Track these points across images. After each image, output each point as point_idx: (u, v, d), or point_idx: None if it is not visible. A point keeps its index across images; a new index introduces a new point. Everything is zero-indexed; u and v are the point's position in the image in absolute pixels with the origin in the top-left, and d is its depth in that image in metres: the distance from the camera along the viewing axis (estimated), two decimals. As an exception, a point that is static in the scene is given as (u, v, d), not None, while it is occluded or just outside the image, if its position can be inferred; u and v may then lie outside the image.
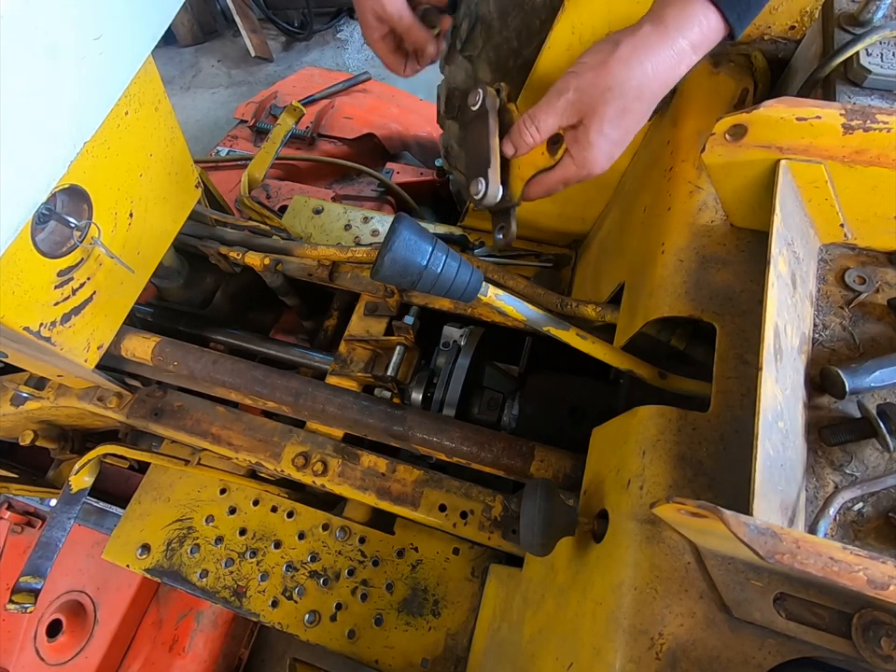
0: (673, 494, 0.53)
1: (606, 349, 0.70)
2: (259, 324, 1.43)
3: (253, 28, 3.19)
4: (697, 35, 0.61)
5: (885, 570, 0.35)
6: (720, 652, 0.46)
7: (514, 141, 0.70)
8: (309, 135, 1.84)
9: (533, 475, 0.85)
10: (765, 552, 0.36)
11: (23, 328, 0.74)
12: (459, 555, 0.93)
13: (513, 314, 0.68)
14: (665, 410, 0.58)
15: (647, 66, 0.62)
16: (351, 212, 1.34)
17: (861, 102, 0.82)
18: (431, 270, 0.58)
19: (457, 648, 0.87)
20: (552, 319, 0.69)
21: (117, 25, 0.67)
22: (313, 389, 0.95)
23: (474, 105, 0.74)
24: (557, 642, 0.60)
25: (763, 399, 0.45)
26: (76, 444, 1.22)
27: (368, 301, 1.11)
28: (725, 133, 0.53)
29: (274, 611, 0.92)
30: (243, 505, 1.01)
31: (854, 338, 0.57)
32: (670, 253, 0.70)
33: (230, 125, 2.04)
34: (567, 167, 0.68)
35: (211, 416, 1.02)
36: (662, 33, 0.62)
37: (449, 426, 0.89)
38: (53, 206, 0.74)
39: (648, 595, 0.49)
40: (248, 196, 1.23)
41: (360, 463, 0.95)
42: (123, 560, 0.99)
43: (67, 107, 0.65)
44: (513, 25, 0.92)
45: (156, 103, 0.86)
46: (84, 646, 1.15)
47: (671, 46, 0.62)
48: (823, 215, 0.58)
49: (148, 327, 1.07)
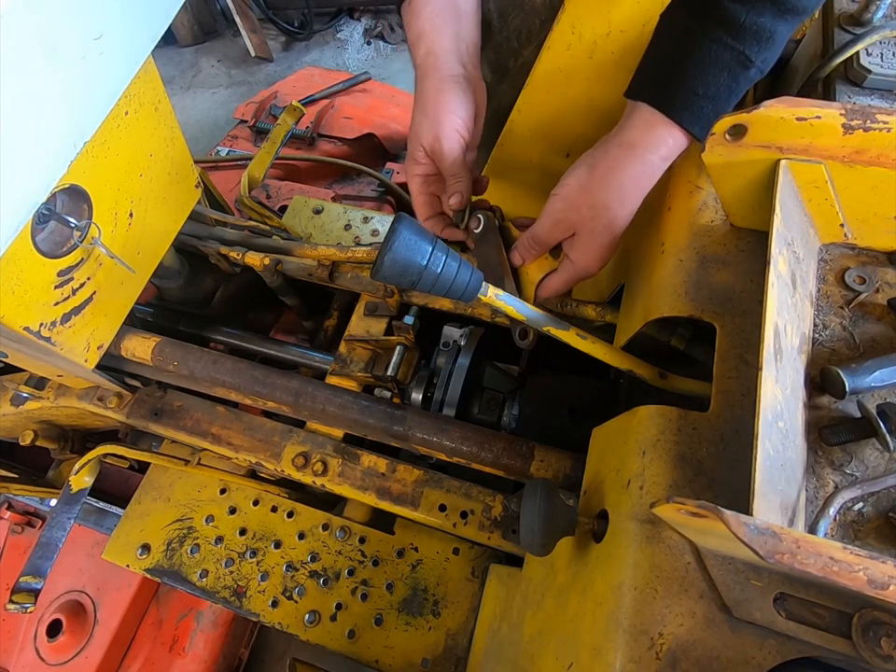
0: (673, 494, 0.53)
1: (606, 349, 0.70)
2: (259, 324, 1.43)
3: (253, 28, 3.19)
4: (665, 151, 0.67)
5: (885, 570, 0.35)
6: (720, 652, 0.46)
7: (522, 254, 0.80)
8: (309, 135, 1.84)
9: (533, 475, 0.85)
10: (765, 552, 0.36)
11: (23, 328, 0.74)
12: (459, 555, 0.93)
13: (513, 314, 0.68)
14: (665, 410, 0.58)
15: (624, 183, 0.69)
16: (351, 212, 1.34)
17: (861, 102, 0.83)
18: (431, 270, 0.58)
19: (457, 648, 0.87)
20: (552, 319, 0.69)
21: (117, 25, 0.67)
22: (313, 389, 0.95)
23: (477, 228, 0.83)
24: (557, 642, 0.60)
25: (762, 399, 0.45)
26: (76, 444, 1.21)
27: (368, 300, 1.11)
28: (725, 132, 0.53)
29: (274, 611, 0.92)
30: (243, 505, 1.01)
31: (854, 338, 0.57)
32: (670, 253, 0.70)
33: (230, 125, 2.04)
34: (569, 269, 0.76)
35: (211, 416, 1.02)
36: (632, 153, 0.68)
37: (449, 426, 0.89)
38: (53, 206, 0.74)
39: (648, 595, 0.49)
40: (248, 196, 1.23)
41: (360, 463, 0.95)
42: (123, 560, 0.99)
43: (67, 107, 0.65)
44: (513, 25, 0.92)
45: (156, 103, 0.85)
46: (84, 646, 1.15)
47: (642, 162, 0.68)
48: (823, 215, 0.58)
49: (148, 327, 1.07)
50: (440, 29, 0.78)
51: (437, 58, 0.77)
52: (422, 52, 0.78)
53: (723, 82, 0.65)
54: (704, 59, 0.64)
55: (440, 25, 0.78)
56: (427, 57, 0.78)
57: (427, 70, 0.78)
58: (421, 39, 0.78)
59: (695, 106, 0.65)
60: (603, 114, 0.79)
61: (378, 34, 3.30)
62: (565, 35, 0.83)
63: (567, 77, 0.87)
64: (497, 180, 1.04)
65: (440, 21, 0.78)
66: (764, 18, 0.62)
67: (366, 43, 3.30)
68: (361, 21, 3.40)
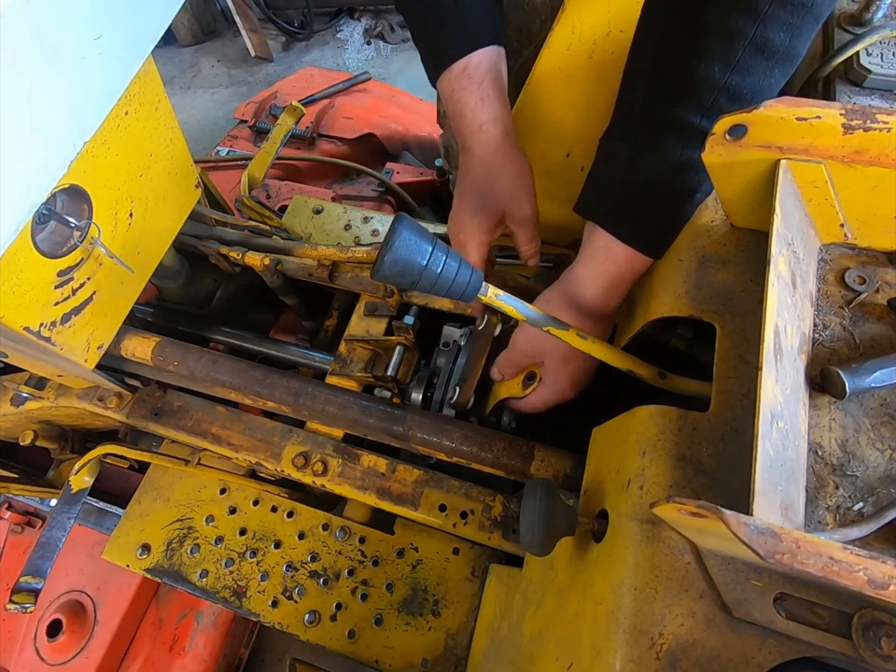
0: (673, 494, 0.53)
1: (606, 349, 0.70)
2: (259, 324, 1.43)
3: (253, 28, 3.19)
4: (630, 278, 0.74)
5: (885, 570, 0.35)
6: (720, 652, 0.46)
7: (501, 370, 0.88)
8: (309, 135, 1.84)
9: (533, 475, 0.85)
10: (765, 552, 0.36)
11: (23, 328, 0.74)
12: (459, 555, 0.93)
13: (513, 313, 0.68)
14: (665, 410, 0.58)
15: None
16: (351, 212, 1.34)
17: (861, 102, 0.83)
18: (431, 270, 0.58)
19: (457, 648, 0.87)
20: (552, 319, 0.69)
21: (117, 25, 0.67)
22: (313, 389, 0.95)
23: (479, 326, 0.91)
24: (557, 642, 0.60)
25: (762, 399, 0.45)
26: (76, 444, 1.21)
27: (368, 300, 1.11)
28: (725, 132, 0.53)
29: (274, 611, 0.92)
30: (243, 505, 1.01)
31: (854, 338, 0.57)
32: (670, 253, 0.70)
33: (230, 125, 2.04)
34: (543, 393, 0.82)
35: (211, 416, 1.02)
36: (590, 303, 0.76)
37: (449, 426, 0.89)
38: (53, 206, 0.74)
39: (648, 594, 0.49)
40: (248, 196, 1.23)
41: (360, 463, 0.94)
42: (123, 560, 0.99)
43: (67, 107, 0.64)
44: (513, 25, 0.92)
45: (156, 103, 0.85)
46: (84, 646, 1.15)
47: None
48: (823, 215, 0.58)
49: (148, 327, 1.07)
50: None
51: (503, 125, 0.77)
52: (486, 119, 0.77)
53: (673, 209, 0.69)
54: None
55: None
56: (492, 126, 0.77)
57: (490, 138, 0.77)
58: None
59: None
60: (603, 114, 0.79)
61: (378, 34, 3.30)
62: (565, 34, 0.83)
63: (567, 77, 0.87)
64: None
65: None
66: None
67: (366, 43, 3.30)
68: (361, 21, 3.40)
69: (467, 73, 0.74)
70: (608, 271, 0.73)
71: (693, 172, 0.65)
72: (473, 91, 0.75)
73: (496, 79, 0.76)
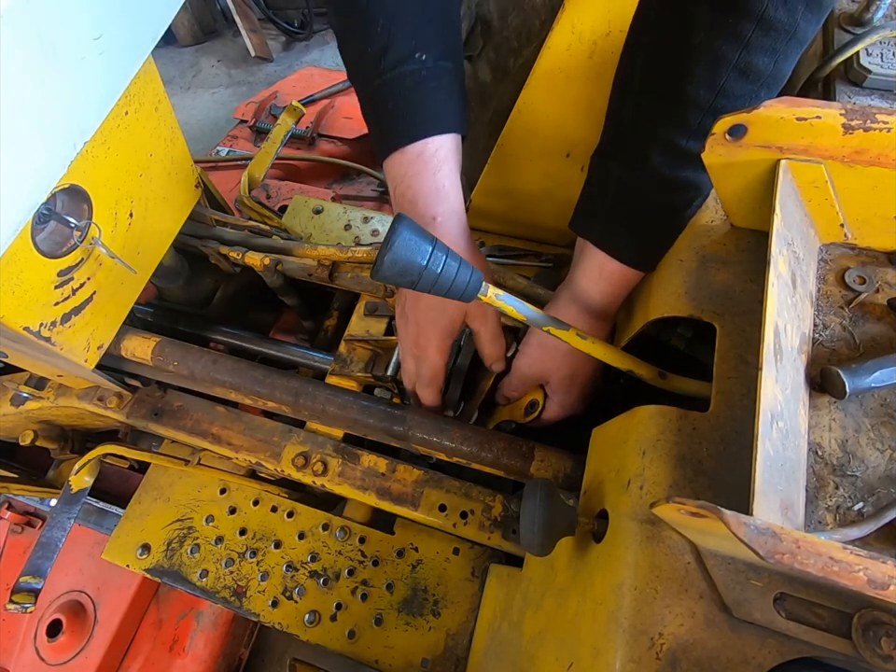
0: (673, 494, 0.53)
1: (606, 349, 0.70)
2: (259, 324, 1.43)
3: (253, 28, 3.19)
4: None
5: (885, 570, 0.35)
6: (720, 652, 0.46)
7: (507, 395, 0.89)
8: (309, 135, 1.84)
9: (533, 475, 0.85)
10: (765, 552, 0.36)
11: (23, 328, 0.74)
12: (459, 555, 0.93)
13: (513, 314, 0.68)
14: (665, 410, 0.58)
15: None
16: (351, 212, 1.34)
17: (861, 102, 0.83)
18: (431, 270, 0.58)
19: (457, 648, 0.87)
20: (552, 319, 0.69)
21: (117, 25, 0.67)
22: (313, 389, 0.95)
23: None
24: (557, 642, 0.60)
25: (762, 399, 0.45)
26: (76, 444, 1.21)
27: (368, 300, 1.11)
28: (725, 132, 0.53)
29: (274, 611, 0.92)
30: (243, 505, 1.01)
31: (854, 338, 0.57)
32: (670, 253, 0.70)
33: (230, 125, 2.04)
34: (554, 409, 0.84)
35: (211, 416, 1.02)
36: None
37: (449, 426, 0.89)
38: (53, 206, 0.74)
39: (648, 594, 0.49)
40: (248, 196, 1.23)
41: (360, 463, 0.94)
42: (123, 560, 0.99)
43: (67, 107, 0.64)
44: (513, 25, 0.92)
45: (156, 103, 0.85)
46: (84, 646, 1.15)
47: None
48: (823, 215, 0.58)
49: (148, 327, 1.06)
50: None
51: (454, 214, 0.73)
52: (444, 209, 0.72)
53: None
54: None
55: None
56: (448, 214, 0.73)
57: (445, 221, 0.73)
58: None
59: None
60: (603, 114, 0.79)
61: (378, 34, 3.30)
62: (565, 34, 0.83)
63: (567, 77, 0.87)
64: (497, 181, 1.04)
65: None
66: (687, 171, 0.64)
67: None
68: (361, 21, 3.39)
69: (423, 158, 0.69)
70: (604, 288, 0.75)
71: (682, 190, 0.65)
72: (427, 179, 0.70)
73: (452, 170, 0.72)
